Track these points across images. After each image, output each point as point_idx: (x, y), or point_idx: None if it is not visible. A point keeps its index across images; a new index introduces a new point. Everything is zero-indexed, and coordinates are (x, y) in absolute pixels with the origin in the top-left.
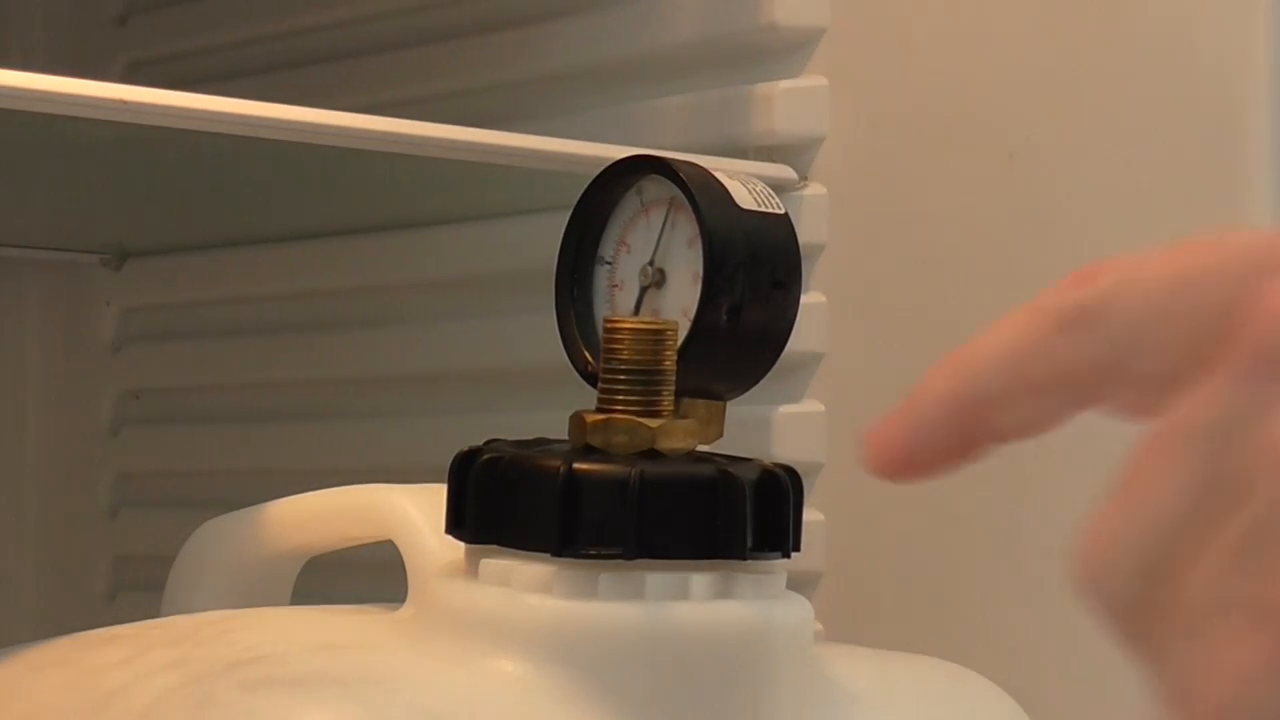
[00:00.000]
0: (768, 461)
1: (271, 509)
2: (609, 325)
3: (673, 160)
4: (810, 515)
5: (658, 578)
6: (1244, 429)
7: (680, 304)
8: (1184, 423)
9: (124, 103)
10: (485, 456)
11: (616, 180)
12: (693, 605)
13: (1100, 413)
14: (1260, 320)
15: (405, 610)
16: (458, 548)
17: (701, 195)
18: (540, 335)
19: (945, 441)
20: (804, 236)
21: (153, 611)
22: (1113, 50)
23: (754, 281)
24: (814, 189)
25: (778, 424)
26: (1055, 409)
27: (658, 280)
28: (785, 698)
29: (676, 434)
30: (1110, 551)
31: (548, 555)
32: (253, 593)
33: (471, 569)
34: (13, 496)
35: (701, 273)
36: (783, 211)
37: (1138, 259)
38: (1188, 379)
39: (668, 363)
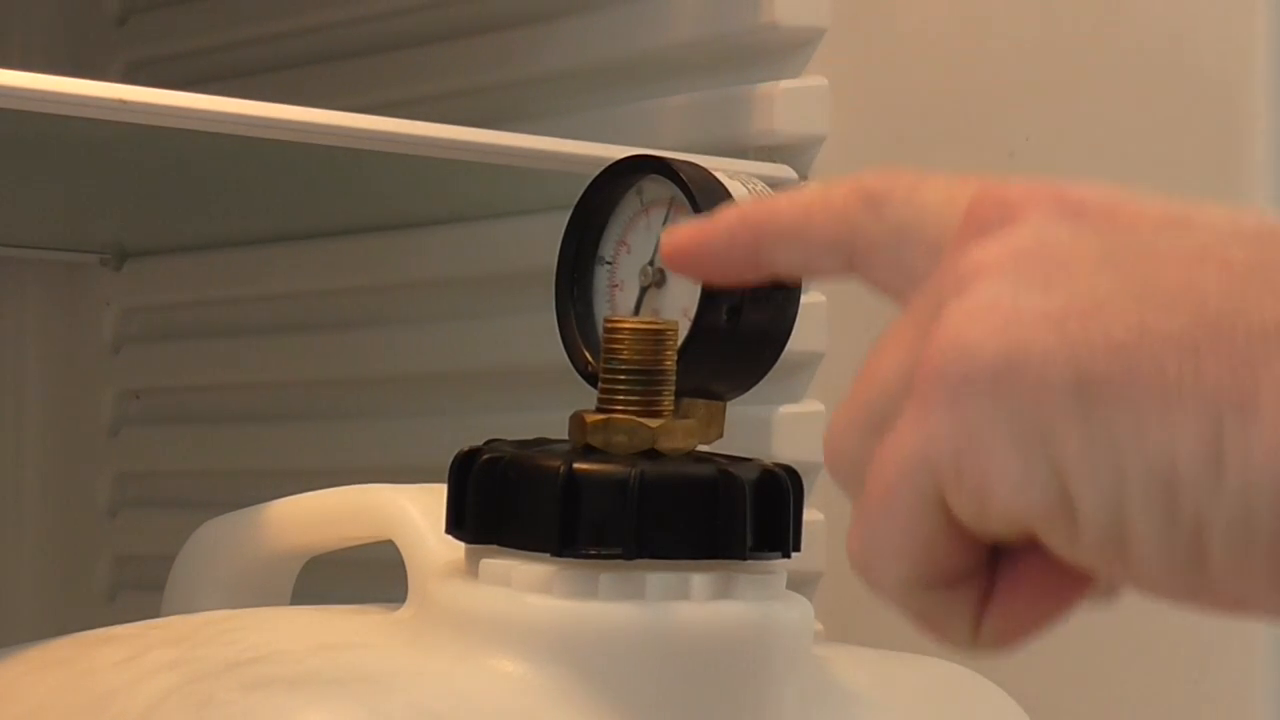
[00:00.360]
0: (768, 461)
1: (271, 509)
2: (609, 325)
3: (673, 160)
4: (810, 515)
5: (658, 578)
6: (942, 298)
7: (680, 304)
8: (906, 318)
9: (124, 103)
10: (485, 456)
11: (616, 180)
12: (693, 605)
13: (858, 281)
14: (975, 201)
15: (405, 610)
16: (458, 548)
17: (701, 195)
18: (540, 335)
19: (726, 250)
20: None
21: (153, 611)
22: (1112, 50)
23: (753, 281)
24: None
25: (778, 424)
26: (823, 263)
27: (658, 280)
28: (785, 698)
29: (676, 434)
30: (844, 425)
31: (548, 555)
32: (253, 593)
33: (471, 569)
34: (13, 496)
35: None
36: None
37: (928, 177)
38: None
39: (668, 363)
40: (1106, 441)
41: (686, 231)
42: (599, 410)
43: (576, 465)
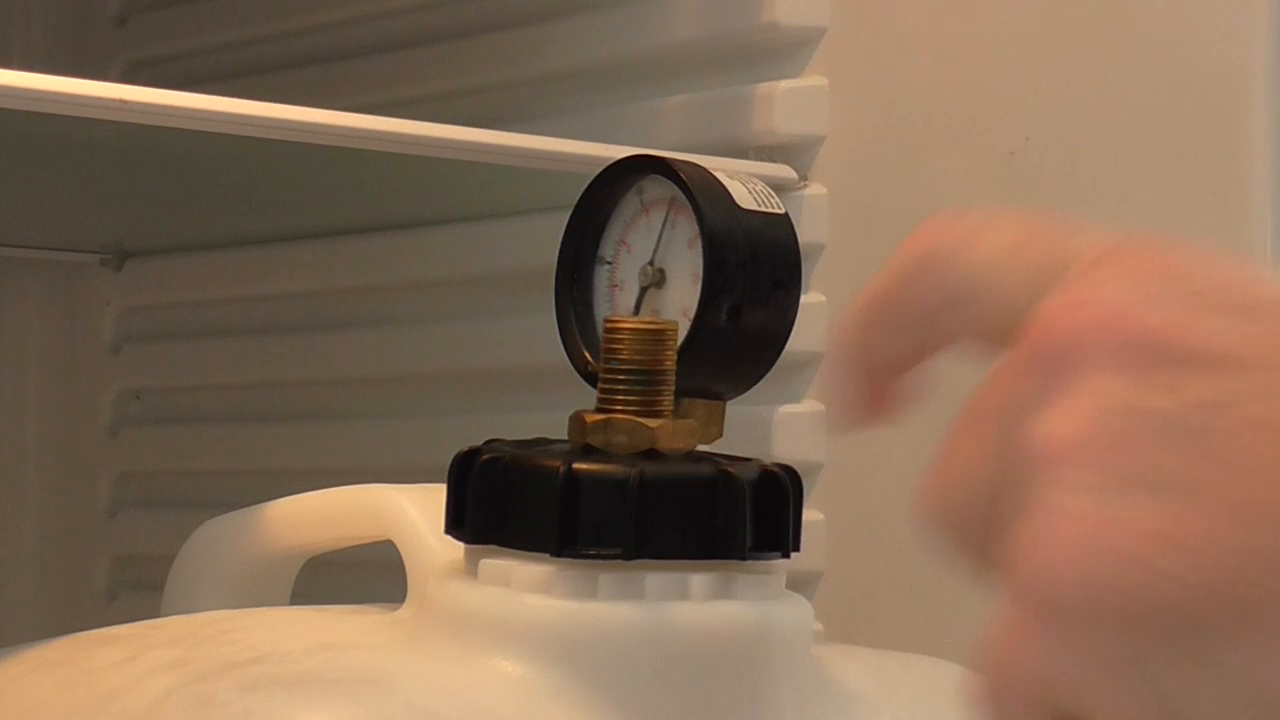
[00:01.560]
0: (768, 461)
1: (271, 509)
2: (609, 325)
3: (673, 160)
4: (810, 515)
5: (657, 578)
6: (1019, 414)
7: (680, 304)
8: (985, 400)
9: (124, 103)
10: (485, 456)
11: (616, 180)
12: (692, 605)
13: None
14: (1042, 324)
15: (405, 610)
16: (458, 548)
17: (701, 195)
18: (540, 335)
19: (868, 388)
20: (804, 236)
21: (153, 611)
22: (1112, 50)
23: (754, 281)
24: (814, 189)
25: (778, 424)
26: (921, 342)
27: (658, 280)
28: (785, 698)
29: (676, 434)
30: (944, 499)
31: (547, 555)
32: (253, 593)
33: (471, 569)
34: (13, 496)
35: (701, 273)
36: (783, 211)
37: (988, 219)
38: (1007, 342)
39: (668, 363)
40: (1220, 678)
41: (841, 400)
42: (599, 410)
43: (576, 465)
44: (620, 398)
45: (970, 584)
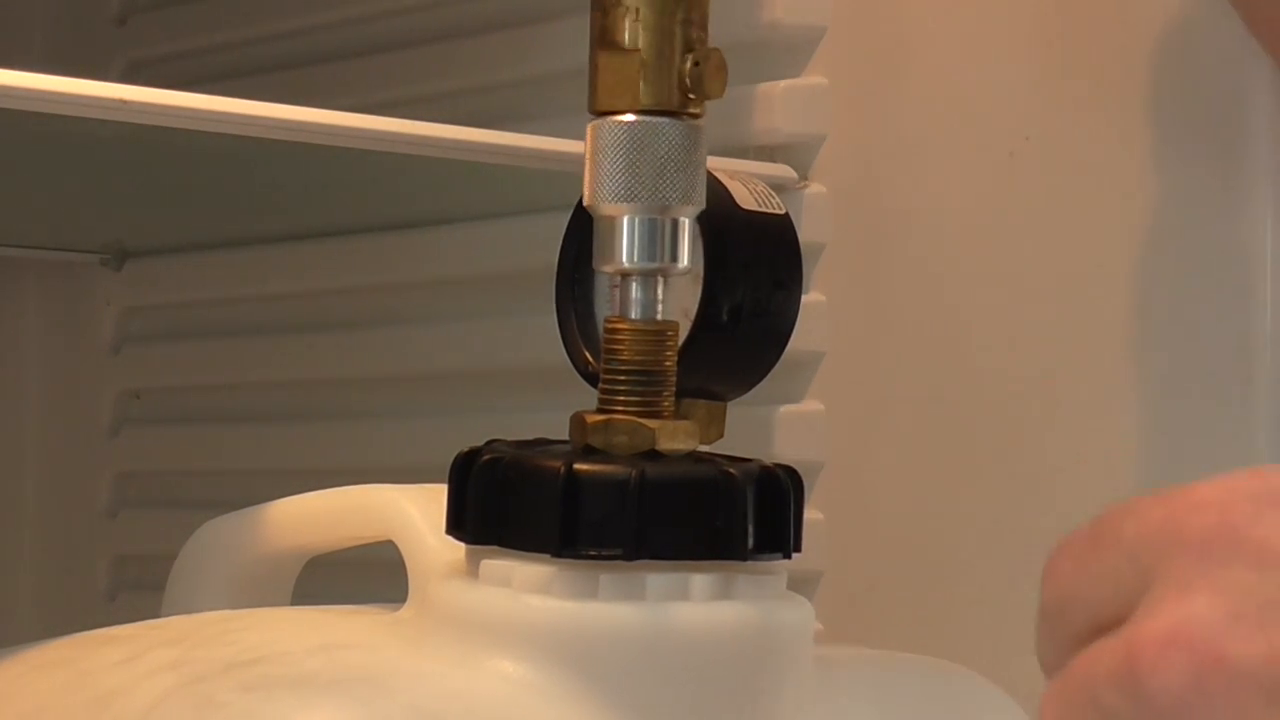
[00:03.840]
0: (768, 461)
1: (271, 509)
2: (609, 325)
3: None
4: (810, 515)
5: (658, 578)
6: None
7: (680, 304)
8: (1078, 678)
9: (124, 102)
10: (485, 456)
11: None
12: (693, 606)
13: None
14: (1132, 657)
15: (405, 610)
16: (458, 548)
17: None
18: (540, 335)
19: None
20: (804, 236)
21: (153, 611)
22: (1112, 50)
23: (754, 281)
24: (814, 189)
25: (778, 424)
26: None
27: None
28: (785, 698)
29: (677, 434)
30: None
31: (548, 556)
32: (253, 593)
33: (472, 569)
34: (13, 496)
35: (702, 273)
36: (783, 211)
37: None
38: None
39: (668, 363)
40: None
41: None
42: (599, 410)
43: (577, 465)
44: (621, 398)
45: (970, 585)
